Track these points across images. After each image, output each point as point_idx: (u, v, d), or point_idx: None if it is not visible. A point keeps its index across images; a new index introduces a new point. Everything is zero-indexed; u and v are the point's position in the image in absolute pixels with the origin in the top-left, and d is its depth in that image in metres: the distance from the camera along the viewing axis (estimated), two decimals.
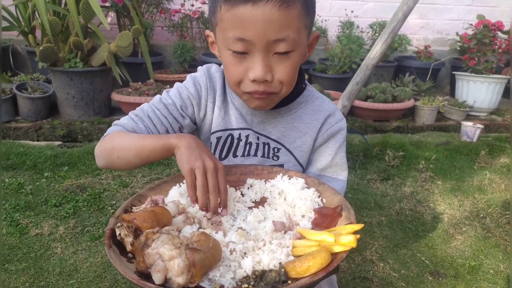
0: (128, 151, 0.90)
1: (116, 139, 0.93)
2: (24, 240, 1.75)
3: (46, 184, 2.18)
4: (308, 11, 0.86)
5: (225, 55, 0.88)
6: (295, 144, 1.04)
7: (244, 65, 0.86)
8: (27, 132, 2.82)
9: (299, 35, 0.85)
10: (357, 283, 1.63)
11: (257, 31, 0.80)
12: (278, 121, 1.03)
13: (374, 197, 2.27)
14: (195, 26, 3.78)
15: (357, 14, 4.05)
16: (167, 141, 0.86)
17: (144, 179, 2.31)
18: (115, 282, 1.55)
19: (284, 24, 0.81)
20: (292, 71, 0.89)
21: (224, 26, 0.84)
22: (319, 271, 0.63)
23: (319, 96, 1.07)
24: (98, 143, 0.98)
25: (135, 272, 0.65)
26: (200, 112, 1.03)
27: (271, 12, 0.79)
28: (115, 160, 0.93)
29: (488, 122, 3.56)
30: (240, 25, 0.81)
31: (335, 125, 1.03)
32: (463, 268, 1.73)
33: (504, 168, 2.63)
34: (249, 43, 0.82)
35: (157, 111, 0.98)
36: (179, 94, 1.01)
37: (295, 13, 0.82)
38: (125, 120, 0.98)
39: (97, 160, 0.99)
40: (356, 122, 3.33)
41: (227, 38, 0.84)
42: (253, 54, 0.84)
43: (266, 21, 0.79)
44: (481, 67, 3.62)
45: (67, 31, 2.99)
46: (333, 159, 1.04)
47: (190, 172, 0.80)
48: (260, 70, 0.84)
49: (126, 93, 3.04)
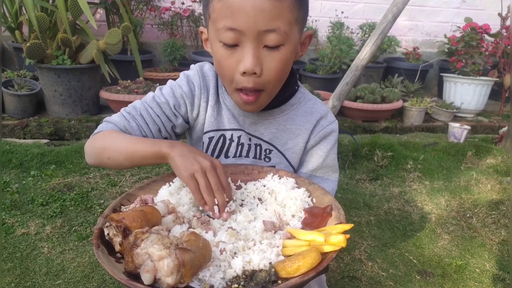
0: (119, 154, 0.90)
1: (107, 139, 0.92)
2: (9, 239, 1.72)
3: (32, 183, 2.14)
4: (300, 5, 0.85)
5: (217, 48, 0.87)
6: (287, 146, 1.03)
7: (234, 57, 0.85)
8: (14, 130, 2.77)
9: (290, 28, 0.84)
10: (346, 282, 1.64)
11: (248, 20, 0.80)
12: (270, 123, 1.02)
13: (363, 197, 2.29)
14: (185, 25, 3.76)
15: (347, 15, 4.08)
16: (160, 149, 0.85)
17: (133, 178, 2.29)
18: (103, 282, 1.53)
19: (275, 14, 0.80)
20: (282, 65, 0.87)
21: (215, 16, 0.84)
22: (309, 271, 0.63)
23: (312, 98, 1.07)
24: (89, 140, 0.97)
25: (124, 272, 0.64)
26: (193, 112, 1.02)
27: (261, 1, 0.79)
28: (105, 160, 0.92)
29: (474, 123, 3.62)
30: (230, 14, 0.81)
31: (327, 127, 1.03)
32: (450, 267, 1.75)
33: (490, 168, 2.67)
34: (239, 33, 0.82)
35: (150, 110, 0.97)
36: (172, 92, 0.99)
37: (286, 4, 0.81)
38: (117, 117, 0.97)
39: (86, 157, 0.98)
40: (345, 123, 3.35)
41: (218, 29, 0.84)
42: (243, 45, 0.83)
43: (257, 10, 0.79)
44: (469, 69, 3.67)
45: (55, 27, 2.95)
46: (324, 161, 1.04)
47: (190, 177, 0.80)
48: (250, 61, 0.83)
49: (115, 91, 3.01)
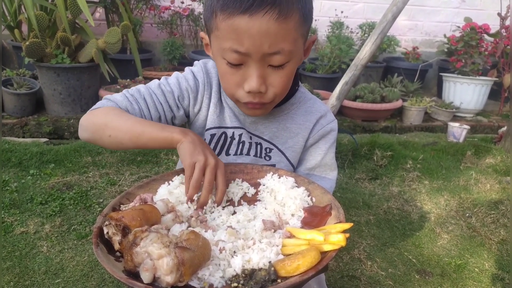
0: (123, 133, 0.88)
1: (110, 116, 0.90)
2: (8, 238, 1.72)
3: (31, 182, 2.14)
4: (305, 20, 0.84)
5: (221, 64, 0.87)
6: (287, 144, 1.04)
7: (239, 74, 0.85)
8: (13, 129, 2.77)
9: (295, 45, 0.84)
10: (345, 281, 1.64)
11: (253, 43, 0.79)
12: (270, 122, 1.03)
13: (363, 196, 2.29)
14: (185, 24, 3.75)
15: (347, 14, 4.07)
16: (171, 134, 0.85)
17: (132, 177, 2.29)
18: (102, 281, 1.53)
19: (281, 36, 0.80)
20: (287, 81, 0.89)
21: (220, 35, 0.83)
22: (308, 270, 0.63)
23: (311, 97, 1.08)
24: (86, 115, 0.94)
25: (123, 271, 0.64)
26: (195, 107, 1.02)
27: (268, 24, 0.77)
28: (104, 138, 0.90)
29: (474, 123, 3.62)
30: (236, 36, 0.79)
31: (326, 126, 1.04)
32: (449, 267, 1.76)
33: (490, 168, 2.67)
34: (245, 54, 0.81)
35: (154, 96, 0.97)
36: (178, 84, 1.00)
37: (292, 24, 0.80)
38: (119, 97, 0.95)
39: (81, 131, 0.94)
40: (345, 122, 3.35)
41: (223, 48, 0.83)
42: (248, 64, 0.83)
43: (262, 33, 0.78)
44: (468, 69, 3.67)
45: (54, 26, 2.94)
46: (322, 159, 1.05)
47: (191, 165, 0.81)
48: (255, 82, 0.84)
49: (114, 90, 3.00)
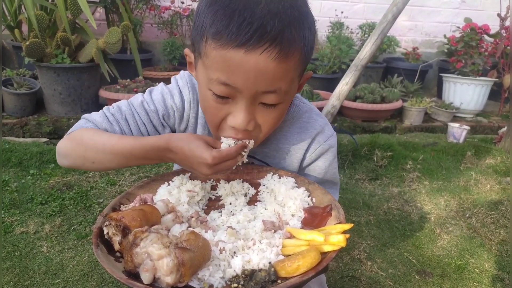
0: (114, 157, 0.83)
1: (94, 139, 0.83)
2: (8, 238, 1.72)
3: (31, 182, 2.14)
4: (306, 59, 0.76)
5: (205, 94, 0.78)
6: (280, 165, 0.98)
7: (225, 108, 0.76)
8: (13, 129, 2.77)
9: (291, 85, 0.77)
10: (345, 282, 1.64)
11: (246, 80, 0.70)
12: (262, 143, 0.91)
13: (363, 196, 2.29)
14: (185, 24, 3.75)
15: (347, 15, 4.07)
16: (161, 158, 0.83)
17: (133, 177, 2.29)
18: (102, 282, 1.53)
19: (279, 76, 0.71)
20: (277, 121, 0.82)
21: (208, 63, 0.73)
22: (308, 271, 0.63)
23: (307, 109, 0.97)
24: (64, 140, 0.87)
25: (123, 271, 0.64)
26: (181, 125, 0.96)
27: (265, 63, 0.68)
28: (87, 164, 0.85)
29: (474, 124, 3.62)
30: (227, 69, 0.70)
31: (324, 144, 0.95)
32: (449, 267, 1.75)
33: (490, 169, 2.67)
34: (234, 89, 0.72)
35: (136, 116, 0.89)
36: (163, 101, 0.91)
37: (292, 64, 0.72)
38: (98, 117, 0.88)
39: (60, 158, 0.88)
40: (345, 122, 3.36)
41: (210, 78, 0.73)
42: (237, 100, 0.74)
43: (259, 71, 0.69)
44: (468, 69, 3.68)
45: (54, 26, 2.94)
46: (323, 177, 0.99)
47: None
48: (242, 119, 0.75)
49: (114, 90, 3.01)
